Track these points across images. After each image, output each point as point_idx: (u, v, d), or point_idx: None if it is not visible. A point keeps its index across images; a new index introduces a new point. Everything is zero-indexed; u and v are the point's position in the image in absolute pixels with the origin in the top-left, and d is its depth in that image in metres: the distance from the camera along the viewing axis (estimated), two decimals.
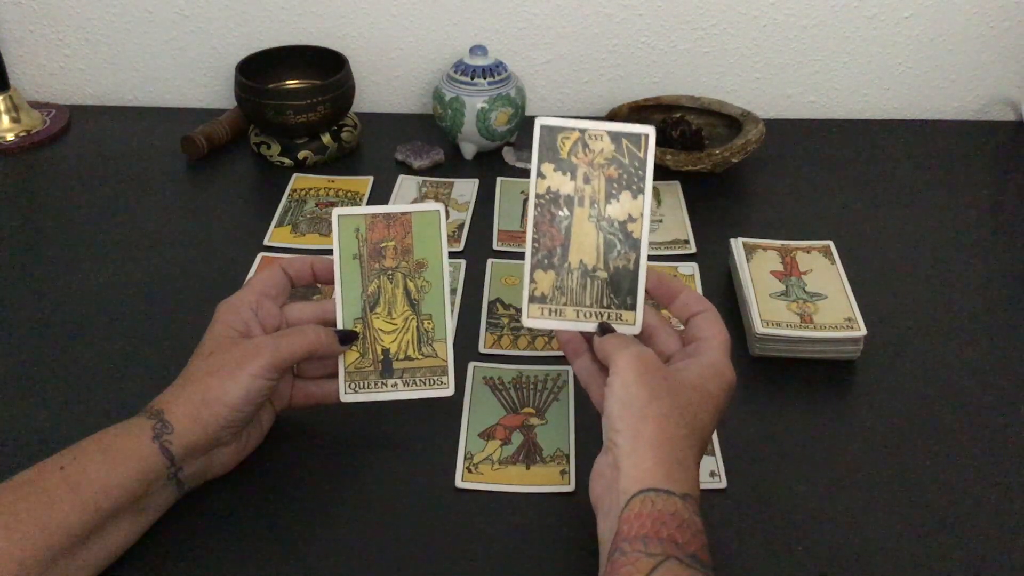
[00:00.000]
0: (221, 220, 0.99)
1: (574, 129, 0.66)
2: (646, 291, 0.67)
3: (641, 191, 0.66)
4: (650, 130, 0.66)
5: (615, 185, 0.66)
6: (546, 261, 0.67)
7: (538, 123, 0.66)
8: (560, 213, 0.66)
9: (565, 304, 0.67)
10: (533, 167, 0.66)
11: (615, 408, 0.59)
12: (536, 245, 0.67)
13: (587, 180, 0.66)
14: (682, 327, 0.66)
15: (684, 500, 0.55)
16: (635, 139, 0.66)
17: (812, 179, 1.07)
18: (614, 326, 0.66)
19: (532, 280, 0.67)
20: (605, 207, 0.66)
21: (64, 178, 1.05)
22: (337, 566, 0.63)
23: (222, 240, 0.95)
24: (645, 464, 0.56)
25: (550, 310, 0.67)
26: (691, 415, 0.59)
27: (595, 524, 0.60)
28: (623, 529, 0.54)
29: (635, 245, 0.66)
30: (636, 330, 0.66)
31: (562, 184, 0.66)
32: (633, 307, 0.66)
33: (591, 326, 0.66)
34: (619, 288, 0.66)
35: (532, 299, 0.67)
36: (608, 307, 0.66)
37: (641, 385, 0.59)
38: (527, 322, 0.67)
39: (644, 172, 0.66)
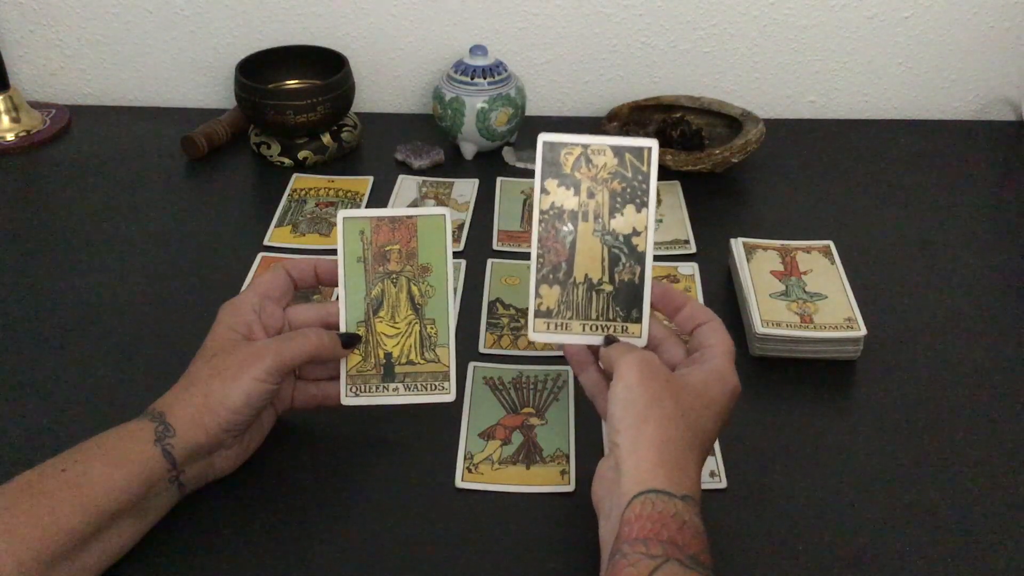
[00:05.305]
0: (221, 220, 0.99)
1: (576, 144, 0.66)
2: (651, 303, 0.67)
3: (645, 204, 0.66)
4: (653, 143, 0.66)
5: (619, 199, 0.66)
6: (551, 276, 0.67)
7: (541, 139, 0.66)
8: (564, 228, 0.67)
9: (571, 318, 0.67)
10: (537, 183, 0.66)
11: (617, 410, 0.59)
12: (541, 260, 0.67)
13: (591, 194, 0.66)
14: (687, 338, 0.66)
15: (685, 502, 0.55)
16: (638, 152, 0.66)
17: (812, 179, 1.07)
18: (621, 339, 0.66)
19: (538, 295, 0.67)
20: (609, 221, 0.66)
21: (64, 178, 1.05)
22: (338, 566, 0.63)
23: (222, 240, 0.95)
24: (646, 464, 0.56)
25: (556, 324, 0.67)
26: (693, 418, 0.59)
27: (595, 524, 0.60)
28: (624, 531, 0.54)
29: (640, 258, 0.66)
30: (642, 343, 0.67)
31: (566, 199, 0.66)
32: (639, 320, 0.67)
33: (597, 340, 0.66)
34: (625, 301, 0.67)
35: (538, 314, 0.67)
36: (614, 320, 0.67)
37: (643, 387, 0.59)
38: (533, 336, 0.67)
39: (648, 185, 0.66)
